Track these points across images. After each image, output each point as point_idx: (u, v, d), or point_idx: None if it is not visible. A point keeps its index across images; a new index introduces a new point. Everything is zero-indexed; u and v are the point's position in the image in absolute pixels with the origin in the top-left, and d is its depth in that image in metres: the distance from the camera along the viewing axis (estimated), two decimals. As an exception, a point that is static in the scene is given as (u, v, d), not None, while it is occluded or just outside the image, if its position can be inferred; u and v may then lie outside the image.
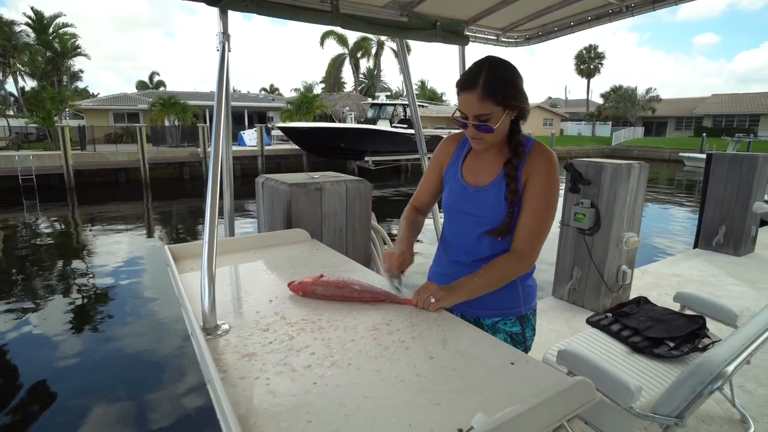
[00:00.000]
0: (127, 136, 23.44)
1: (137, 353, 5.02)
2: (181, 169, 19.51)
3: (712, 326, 2.03)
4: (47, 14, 29.02)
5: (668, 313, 2.14)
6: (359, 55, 38.23)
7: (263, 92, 51.52)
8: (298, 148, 20.75)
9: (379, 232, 2.50)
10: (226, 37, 1.69)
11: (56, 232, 11.16)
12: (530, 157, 1.28)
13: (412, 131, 17.24)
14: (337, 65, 39.56)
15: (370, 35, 34.06)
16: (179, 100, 25.16)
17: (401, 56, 2.77)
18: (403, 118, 21.91)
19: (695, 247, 5.37)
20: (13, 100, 31.20)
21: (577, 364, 1.57)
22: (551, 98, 67.31)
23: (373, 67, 39.69)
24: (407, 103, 3.02)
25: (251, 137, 22.54)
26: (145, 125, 19.83)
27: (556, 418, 0.79)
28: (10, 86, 30.74)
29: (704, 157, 5.49)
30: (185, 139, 21.55)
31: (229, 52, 1.66)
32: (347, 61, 38.99)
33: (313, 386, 0.85)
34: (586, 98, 50.07)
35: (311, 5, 2.04)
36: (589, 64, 46.75)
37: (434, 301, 1.17)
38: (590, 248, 3.40)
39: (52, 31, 29.21)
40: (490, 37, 2.68)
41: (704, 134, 30.62)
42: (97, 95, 37.21)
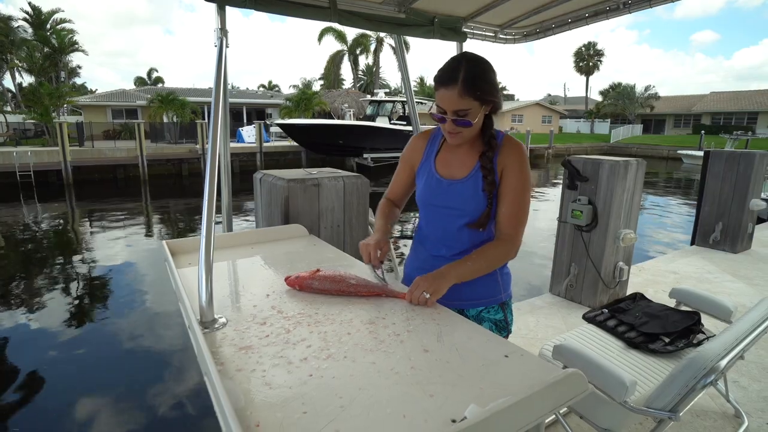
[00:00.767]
0: (125, 132, 23.41)
1: (136, 347, 5.03)
2: (179, 166, 19.49)
3: (707, 322, 2.05)
4: (45, 10, 28.96)
5: (664, 309, 2.15)
6: (358, 51, 38.19)
7: (262, 89, 51.44)
8: (296, 145, 20.76)
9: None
10: (223, 32, 1.70)
11: (54, 228, 11.15)
12: (502, 149, 1.33)
13: (410, 128, 17.25)
14: (335, 62, 39.51)
15: (368, 32, 34.04)
16: (178, 96, 25.13)
17: (399, 53, 2.77)
18: (401, 115, 21.91)
19: (692, 244, 5.39)
20: (10, 96, 31.11)
21: (572, 358, 1.59)
22: (550, 95, 67.32)
23: (372, 64, 39.65)
24: (406, 100, 3.02)
25: (250, 134, 22.51)
26: (143, 122, 19.78)
27: (548, 409, 0.80)
28: (7, 82, 30.69)
29: (702, 154, 5.50)
30: (184, 135, 21.52)
31: (227, 48, 1.67)
32: (346, 57, 38.94)
33: (309, 378, 0.86)
34: (585, 96, 50.08)
35: (309, 1, 2.05)
36: (588, 61, 46.76)
37: (429, 296, 1.18)
38: (587, 245, 3.41)
39: (49, 26, 29.13)
40: (487, 33, 2.69)
41: (702, 132, 30.68)
42: (95, 91, 37.07)
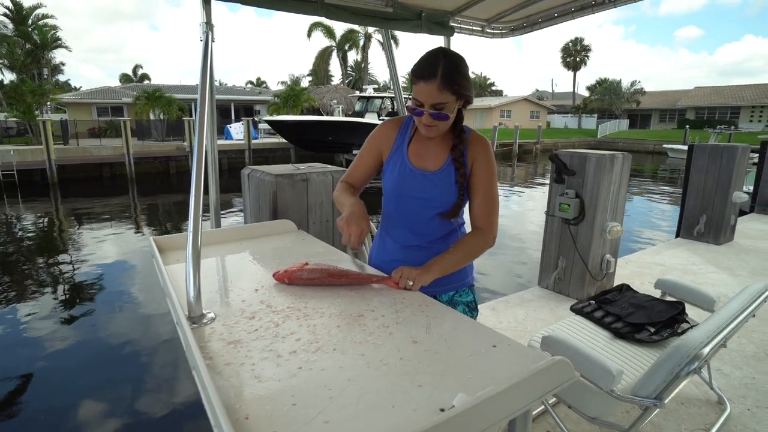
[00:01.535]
0: (111, 130, 23.05)
1: (124, 344, 4.99)
2: (167, 163, 19.24)
3: (691, 312, 2.09)
4: (26, 5, 28.27)
5: (649, 299, 2.19)
6: (347, 47, 38.01)
7: (250, 85, 50.99)
8: (285, 141, 20.61)
9: (368, 224, 2.51)
10: (209, 27, 1.68)
11: (40, 228, 10.97)
12: (471, 143, 1.38)
13: (400, 124, 17.16)
14: (324, 58, 39.30)
15: (357, 27, 33.89)
16: (164, 93, 24.78)
17: (387, 48, 2.76)
18: (391, 110, 21.87)
19: (677, 236, 5.48)
20: (-9, 93, 30.44)
21: (560, 349, 1.61)
22: (538, 91, 67.70)
23: (360, 59, 39.49)
24: (394, 95, 3.02)
25: (238, 131, 22.32)
26: (129, 119, 19.52)
27: (536, 396, 0.81)
28: (-12, 79, 29.98)
29: (686, 148, 5.59)
30: (171, 133, 21.26)
31: (212, 42, 1.65)
32: (335, 53, 38.75)
33: (298, 371, 0.86)
34: (572, 91, 50.46)
35: (295, -5, 2.03)
36: (575, 56, 47.09)
37: (412, 284, 1.23)
38: (575, 238, 3.45)
39: (31, 22, 28.45)
40: (475, 28, 2.70)
41: (687, 126, 31.14)
42: (79, 89, 36.47)
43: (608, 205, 3.35)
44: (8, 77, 27.89)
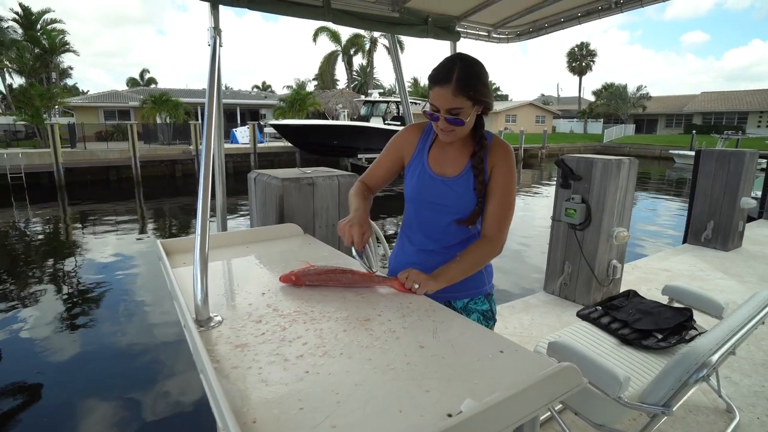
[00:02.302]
0: (118, 133, 23.23)
1: (131, 347, 5.01)
2: (173, 167, 19.37)
3: (699, 319, 2.07)
4: (35, 10, 28.61)
5: (657, 305, 2.17)
6: (352, 52, 38.14)
7: (256, 89, 51.28)
8: (290, 145, 20.69)
9: (371, 227, 2.52)
10: (217, 31, 1.69)
11: (47, 231, 11.05)
12: (492, 149, 1.36)
13: (405, 128, 17.19)
14: (330, 62, 39.41)
15: (363, 32, 34.05)
16: (171, 97, 24.96)
17: (393, 53, 2.77)
18: (396, 115, 21.92)
19: (684, 242, 5.44)
20: (0, 97, 30.78)
21: (566, 355, 1.60)
22: (544, 95, 67.60)
23: (366, 64, 39.63)
24: (400, 100, 3.03)
25: (244, 135, 22.42)
26: (136, 123, 19.64)
27: (543, 402, 0.81)
28: (-3, 83, 30.30)
29: (693, 154, 5.56)
30: (177, 136, 21.40)
31: (220, 47, 1.67)
32: (340, 58, 38.87)
33: (305, 375, 0.86)
34: (578, 96, 50.34)
35: (303, 0, 2.04)
36: (581, 61, 46.99)
37: (418, 287, 1.24)
38: (581, 243, 3.43)
39: (40, 27, 28.77)
40: (481, 33, 2.70)
41: (694, 131, 30.94)
42: (86, 92, 36.77)
43: (615, 210, 3.33)
44: (17, 81, 28.22)
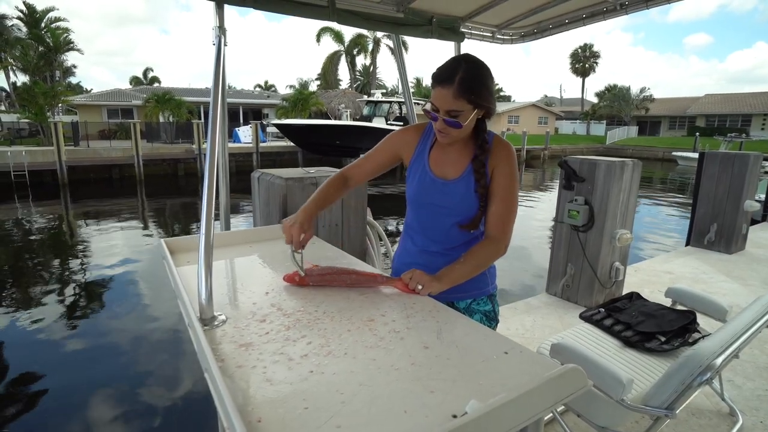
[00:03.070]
0: (121, 132, 23.28)
1: (135, 346, 5.03)
2: (175, 165, 19.40)
3: (702, 321, 2.06)
4: (39, 8, 28.71)
5: (660, 308, 2.17)
6: (355, 52, 38.17)
7: (258, 89, 51.33)
8: (293, 145, 20.72)
9: (374, 227, 2.52)
10: (222, 30, 1.70)
11: (50, 228, 11.08)
12: (494, 150, 1.35)
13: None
14: (333, 62, 39.46)
15: (366, 32, 34.05)
16: (174, 96, 25.01)
17: (397, 53, 2.77)
18: (399, 115, 21.92)
19: (687, 244, 5.43)
20: (5, 95, 30.90)
21: (569, 357, 1.59)
22: (546, 97, 67.54)
23: (369, 64, 39.65)
24: (403, 100, 3.02)
25: (246, 134, 22.45)
26: (139, 121, 19.70)
27: (548, 404, 0.80)
28: (1, 81, 30.48)
29: (697, 156, 5.54)
30: (180, 135, 21.43)
31: (225, 46, 1.67)
32: (343, 58, 38.91)
33: (309, 374, 0.86)
34: (581, 97, 50.26)
35: (308, 0, 2.05)
36: (584, 63, 46.94)
37: (421, 288, 1.23)
38: (584, 245, 3.43)
39: (44, 25, 28.89)
40: (485, 33, 2.70)
41: (697, 134, 30.87)
42: (90, 91, 36.88)
43: (618, 212, 3.33)
44: (21, 79, 28.33)
